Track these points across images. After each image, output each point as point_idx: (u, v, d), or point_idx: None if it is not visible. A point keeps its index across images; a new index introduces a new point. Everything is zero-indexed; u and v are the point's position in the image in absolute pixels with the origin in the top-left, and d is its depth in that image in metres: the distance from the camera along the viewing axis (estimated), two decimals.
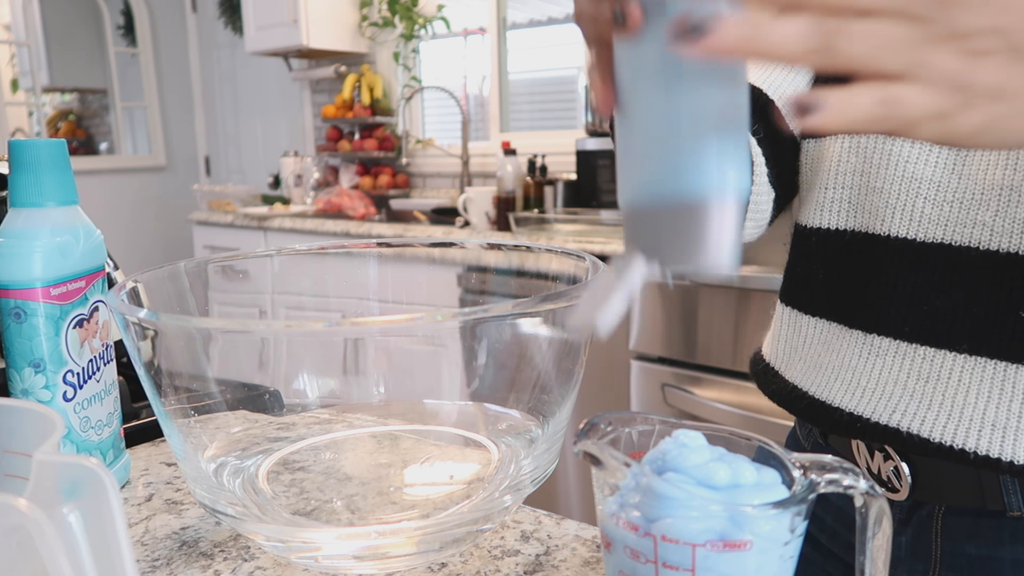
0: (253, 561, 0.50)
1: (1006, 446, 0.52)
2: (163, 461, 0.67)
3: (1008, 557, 0.54)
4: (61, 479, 0.28)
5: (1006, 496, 0.54)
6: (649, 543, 0.34)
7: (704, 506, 0.33)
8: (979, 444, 0.53)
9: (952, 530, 0.57)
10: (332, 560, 0.47)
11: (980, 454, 0.52)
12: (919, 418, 0.55)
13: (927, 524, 0.58)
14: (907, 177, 0.55)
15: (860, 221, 0.58)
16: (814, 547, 0.67)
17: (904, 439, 0.55)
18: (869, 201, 0.57)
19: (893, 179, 0.56)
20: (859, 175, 0.58)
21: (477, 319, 0.44)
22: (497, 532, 0.54)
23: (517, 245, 0.61)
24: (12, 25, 3.96)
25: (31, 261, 0.53)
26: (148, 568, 0.50)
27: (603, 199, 2.53)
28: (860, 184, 0.58)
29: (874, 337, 0.57)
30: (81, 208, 0.57)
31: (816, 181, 0.62)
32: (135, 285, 0.52)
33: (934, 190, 0.54)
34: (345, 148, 3.42)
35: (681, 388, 1.71)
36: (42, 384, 0.54)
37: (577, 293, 0.45)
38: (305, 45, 3.20)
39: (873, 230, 0.57)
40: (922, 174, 0.55)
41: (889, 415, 0.56)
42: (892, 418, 0.56)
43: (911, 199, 0.55)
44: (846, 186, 0.59)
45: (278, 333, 0.52)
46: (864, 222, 0.58)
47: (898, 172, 0.56)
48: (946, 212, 0.54)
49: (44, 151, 0.54)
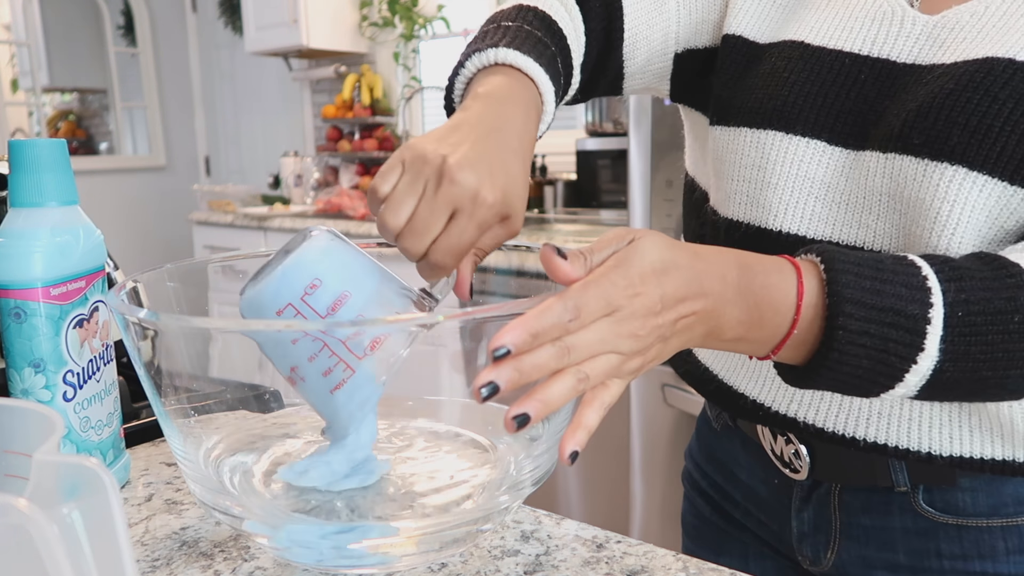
0: (253, 561, 0.50)
1: (891, 433, 0.58)
2: (163, 461, 0.67)
3: (898, 526, 0.61)
4: (61, 479, 0.29)
5: (893, 474, 0.60)
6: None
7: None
8: (867, 432, 0.58)
9: (848, 505, 0.63)
10: (332, 560, 0.47)
11: (868, 441, 0.58)
12: (814, 408, 0.60)
13: (826, 500, 0.64)
14: (801, 176, 0.58)
15: (755, 215, 0.60)
16: (728, 522, 0.73)
17: (801, 427, 0.61)
18: (764, 196, 0.60)
19: (788, 176, 0.58)
20: (757, 169, 0.60)
21: (477, 319, 0.44)
22: (497, 532, 0.54)
23: (517, 245, 0.61)
24: (12, 25, 3.96)
25: (31, 261, 0.53)
26: (148, 568, 0.50)
27: (603, 199, 2.53)
28: (758, 178, 0.60)
29: None
30: (81, 208, 0.57)
31: (720, 169, 0.64)
32: (135, 285, 0.52)
33: (824, 190, 0.57)
34: (345, 148, 3.42)
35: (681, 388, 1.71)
36: (42, 384, 0.54)
37: None
38: (305, 45, 3.20)
39: (766, 224, 0.60)
40: (815, 174, 0.57)
41: (787, 405, 0.61)
42: (790, 408, 0.61)
43: (803, 197, 0.58)
44: (745, 179, 0.61)
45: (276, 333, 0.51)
46: (759, 216, 0.60)
47: (793, 170, 0.58)
48: (835, 212, 0.57)
49: (44, 151, 0.54)
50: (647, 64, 0.70)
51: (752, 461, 0.70)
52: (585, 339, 0.39)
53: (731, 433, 0.72)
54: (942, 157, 0.52)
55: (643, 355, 0.42)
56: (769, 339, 0.46)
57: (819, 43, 0.60)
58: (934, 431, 0.57)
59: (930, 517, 0.60)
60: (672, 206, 1.75)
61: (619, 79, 0.72)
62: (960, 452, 0.57)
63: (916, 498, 0.60)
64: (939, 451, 0.57)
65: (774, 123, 0.59)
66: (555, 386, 0.39)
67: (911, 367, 0.45)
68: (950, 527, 0.60)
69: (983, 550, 0.60)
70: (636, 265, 0.41)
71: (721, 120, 0.64)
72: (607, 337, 0.40)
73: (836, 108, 0.58)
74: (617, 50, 0.68)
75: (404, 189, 0.48)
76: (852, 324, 0.44)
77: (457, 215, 0.47)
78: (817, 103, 0.58)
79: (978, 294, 0.45)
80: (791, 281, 0.45)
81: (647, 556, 0.51)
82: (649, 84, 0.74)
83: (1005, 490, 0.59)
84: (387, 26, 3.29)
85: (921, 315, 0.44)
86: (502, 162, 0.50)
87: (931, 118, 0.53)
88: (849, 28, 0.60)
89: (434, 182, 0.47)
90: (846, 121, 0.57)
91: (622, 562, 0.50)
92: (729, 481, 0.73)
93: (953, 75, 0.53)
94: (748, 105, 0.61)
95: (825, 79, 0.58)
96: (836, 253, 0.46)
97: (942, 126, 0.52)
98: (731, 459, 0.73)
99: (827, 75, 0.58)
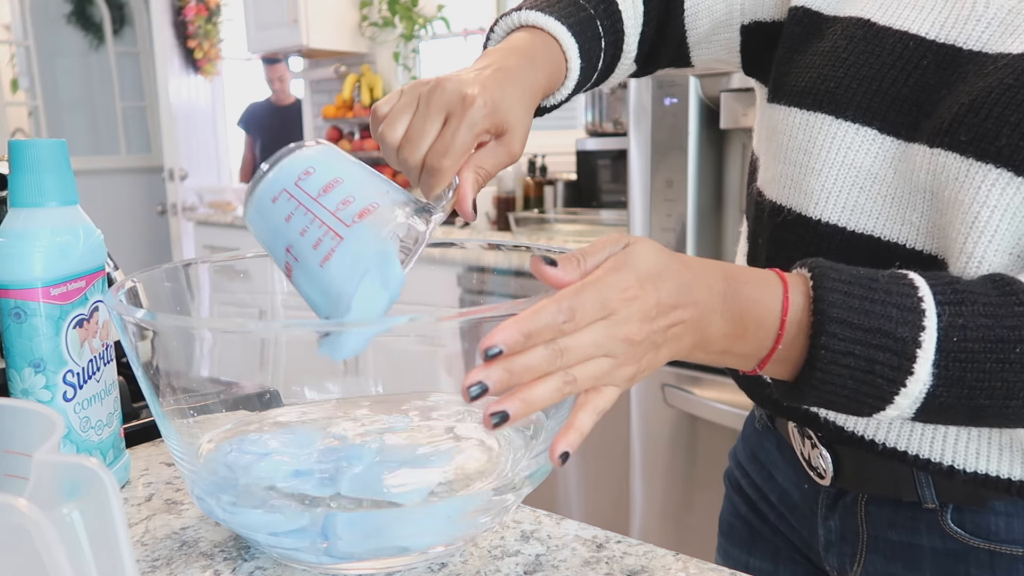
0: (253, 561, 0.50)
1: (912, 441, 0.55)
2: (163, 461, 0.67)
3: (927, 545, 0.58)
4: (61, 479, 0.29)
5: (920, 489, 0.57)
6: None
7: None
8: (888, 437, 0.56)
9: (874, 517, 0.60)
10: (331, 558, 0.47)
11: (888, 446, 0.56)
12: None
13: (852, 510, 0.62)
14: (847, 164, 0.55)
15: (797, 201, 0.58)
16: (763, 522, 0.72)
17: (822, 424, 0.59)
18: (807, 182, 0.57)
19: (833, 163, 0.56)
20: (804, 153, 0.57)
21: (477, 319, 0.44)
22: (497, 532, 0.54)
23: (517, 245, 0.61)
24: (12, 25, 3.96)
25: (31, 261, 0.53)
26: (148, 568, 0.50)
27: (603, 199, 2.53)
28: (803, 163, 0.57)
29: None
30: (81, 208, 0.57)
31: (769, 148, 0.62)
32: (134, 285, 0.52)
33: (871, 181, 0.55)
34: (345, 148, 3.42)
35: (681, 388, 1.71)
36: (42, 384, 0.54)
37: None
38: (305, 45, 3.20)
39: (806, 212, 0.57)
40: (862, 163, 0.55)
41: None
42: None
43: (847, 186, 0.55)
44: (791, 162, 0.59)
45: (276, 333, 0.52)
46: (800, 202, 0.58)
47: (839, 157, 0.55)
48: (879, 205, 0.54)
49: (44, 151, 0.54)
50: (712, 34, 0.68)
51: (786, 463, 0.68)
52: (579, 342, 0.39)
53: (769, 433, 0.71)
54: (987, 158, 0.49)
55: (637, 363, 0.41)
56: (754, 353, 0.45)
57: (885, 22, 0.56)
58: (959, 445, 0.54)
59: (960, 539, 0.57)
60: (672, 206, 1.75)
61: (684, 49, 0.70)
62: (986, 470, 0.54)
63: (944, 517, 0.57)
64: (963, 466, 0.54)
65: (825, 106, 0.56)
66: (540, 387, 0.39)
67: (900, 390, 0.44)
68: (982, 552, 0.56)
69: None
70: (633, 269, 0.41)
71: (775, 98, 0.61)
72: (601, 340, 0.40)
73: (892, 95, 0.54)
74: (677, 19, 0.67)
75: (401, 106, 0.52)
76: (836, 344, 0.43)
77: (449, 119, 0.51)
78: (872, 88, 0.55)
79: (978, 320, 0.44)
80: (777, 296, 0.45)
81: (647, 556, 0.51)
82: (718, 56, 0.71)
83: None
84: (387, 26, 3.29)
85: (911, 338, 0.43)
86: (497, 81, 0.53)
87: (982, 114, 0.49)
88: (919, 7, 0.56)
89: (427, 95, 0.51)
90: (900, 110, 0.54)
91: (622, 562, 0.50)
92: (767, 482, 0.71)
93: (1015, 69, 0.50)
94: (802, 84, 0.58)
95: (885, 62, 0.55)
96: (828, 269, 0.45)
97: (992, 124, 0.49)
98: (769, 460, 0.71)
99: (887, 58, 0.55)
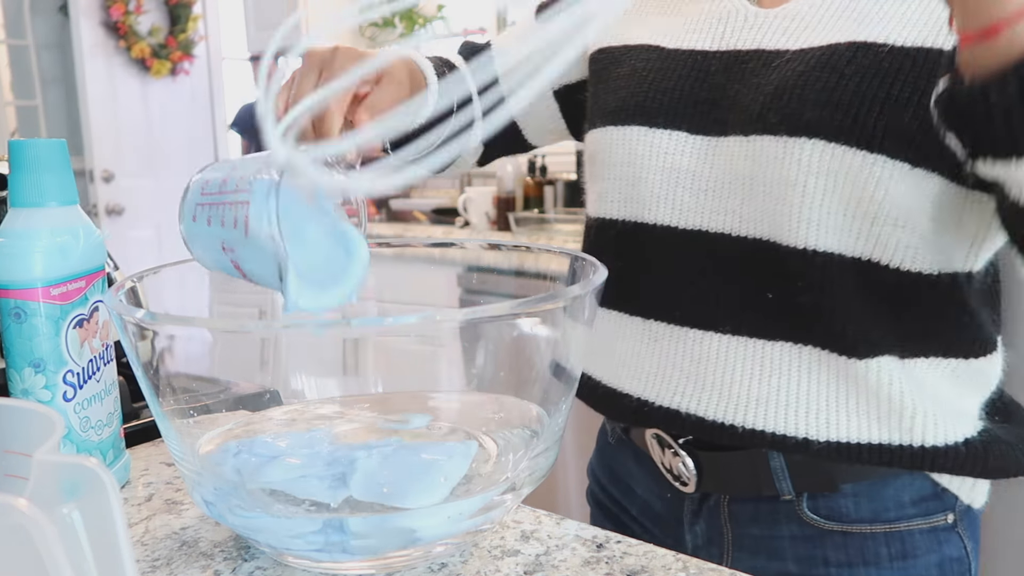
0: (253, 561, 0.50)
1: (768, 419, 0.58)
2: (163, 461, 0.67)
3: (787, 535, 0.62)
4: (61, 479, 0.29)
5: (777, 482, 0.61)
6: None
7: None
8: (746, 419, 0.59)
9: (737, 515, 0.63)
10: (331, 558, 0.47)
11: (747, 428, 0.58)
12: (695, 398, 0.60)
13: (716, 512, 0.64)
14: (667, 167, 0.60)
15: (630, 211, 0.63)
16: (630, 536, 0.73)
17: (683, 420, 0.61)
18: (636, 191, 0.62)
19: (654, 168, 0.61)
20: (626, 165, 0.62)
21: (477, 319, 0.44)
22: (497, 532, 0.54)
23: (517, 245, 0.61)
24: None
25: (31, 261, 0.53)
26: (148, 568, 0.50)
27: None
28: (628, 175, 0.62)
29: (651, 323, 0.63)
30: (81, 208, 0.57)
31: (594, 172, 0.67)
32: (134, 285, 0.52)
33: (691, 179, 0.59)
34: None
35: None
36: (42, 384, 0.54)
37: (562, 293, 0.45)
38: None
39: (641, 219, 0.62)
40: (680, 164, 0.60)
41: (670, 397, 0.62)
42: (672, 400, 0.62)
43: (672, 187, 0.60)
44: (617, 177, 0.63)
45: (276, 333, 0.52)
46: (633, 211, 0.62)
47: (659, 162, 0.61)
48: (702, 200, 0.59)
49: (44, 151, 0.54)
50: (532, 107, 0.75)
51: (646, 475, 0.70)
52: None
53: (625, 446, 0.73)
54: (799, 132, 0.54)
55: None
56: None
57: (673, 46, 0.64)
58: (811, 417, 0.57)
59: (815, 524, 0.61)
60: None
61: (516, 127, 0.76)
62: (837, 437, 0.57)
63: (801, 506, 0.61)
64: (815, 436, 0.57)
65: (637, 118, 0.62)
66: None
67: None
68: (836, 534, 0.61)
69: (867, 557, 0.60)
70: None
71: (592, 125, 0.68)
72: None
73: (692, 99, 0.61)
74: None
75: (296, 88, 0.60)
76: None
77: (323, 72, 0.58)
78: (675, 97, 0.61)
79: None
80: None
81: (647, 556, 0.51)
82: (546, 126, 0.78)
83: (886, 494, 0.60)
84: (387, 26, 3.29)
85: None
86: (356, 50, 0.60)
87: (785, 98, 0.55)
88: (697, 30, 0.64)
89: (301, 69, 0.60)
90: (702, 111, 0.60)
91: (622, 562, 0.50)
92: (627, 496, 0.73)
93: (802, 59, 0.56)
94: (612, 105, 0.64)
95: (680, 74, 0.62)
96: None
97: (796, 104, 0.55)
98: (627, 473, 0.73)
99: (681, 71, 0.62)
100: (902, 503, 0.60)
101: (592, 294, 0.49)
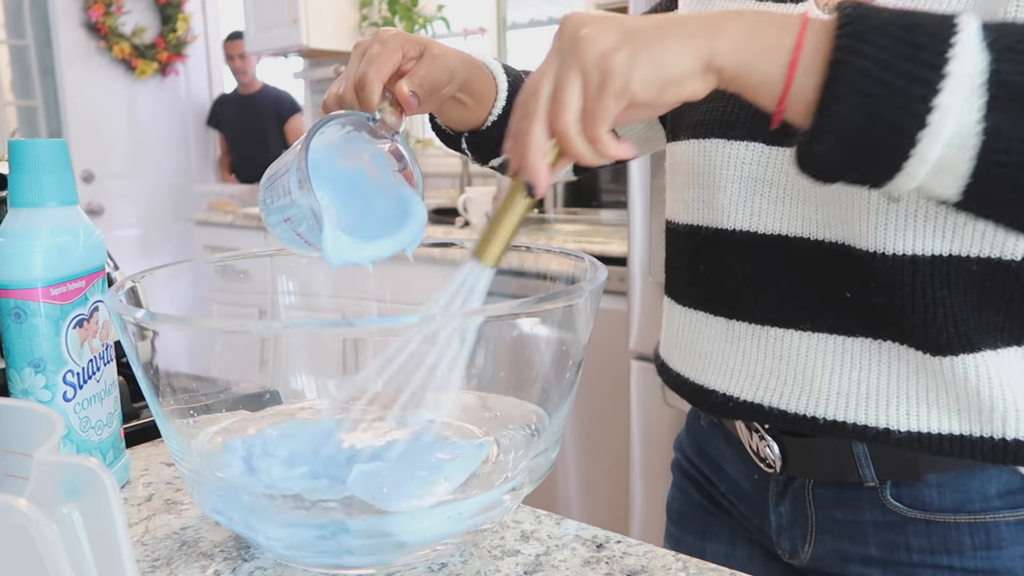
0: (253, 561, 0.50)
1: (849, 411, 0.59)
2: (163, 461, 0.67)
3: (870, 520, 0.63)
4: (61, 479, 0.29)
5: (860, 469, 0.62)
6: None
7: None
8: (827, 411, 0.60)
9: (821, 499, 0.65)
10: (331, 558, 0.47)
11: (828, 419, 0.60)
12: (777, 392, 0.62)
13: (801, 495, 0.66)
14: (745, 176, 0.62)
15: (711, 218, 0.65)
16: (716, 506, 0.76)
17: (767, 413, 0.63)
18: (717, 200, 0.64)
19: (733, 178, 0.63)
20: (707, 175, 0.65)
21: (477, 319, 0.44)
22: (497, 532, 0.54)
23: (517, 245, 0.61)
24: None
25: (31, 261, 0.53)
26: (148, 568, 0.50)
27: (603, 199, 2.53)
28: (709, 184, 0.64)
29: (734, 322, 0.65)
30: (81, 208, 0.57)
31: (676, 181, 0.69)
32: (133, 285, 0.52)
33: (768, 187, 0.61)
34: None
35: None
36: (42, 384, 0.54)
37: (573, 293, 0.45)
38: (305, 45, 3.20)
39: (721, 225, 0.64)
40: (758, 174, 0.62)
41: (753, 392, 0.63)
42: (756, 395, 0.63)
43: (750, 196, 0.62)
44: (697, 186, 0.66)
45: (276, 333, 0.52)
46: (715, 218, 0.64)
47: (737, 172, 0.63)
48: (780, 208, 0.61)
49: (44, 151, 0.54)
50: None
51: (736, 457, 0.72)
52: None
53: (715, 429, 0.75)
54: None
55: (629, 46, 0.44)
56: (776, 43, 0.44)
57: None
58: (891, 408, 0.58)
59: (898, 512, 0.62)
60: None
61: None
62: (918, 428, 0.58)
63: (884, 493, 0.62)
64: (896, 427, 0.58)
65: (717, 132, 0.64)
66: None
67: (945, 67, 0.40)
68: (919, 522, 0.61)
69: (950, 545, 0.61)
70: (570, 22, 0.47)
71: (674, 137, 0.70)
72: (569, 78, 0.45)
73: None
74: None
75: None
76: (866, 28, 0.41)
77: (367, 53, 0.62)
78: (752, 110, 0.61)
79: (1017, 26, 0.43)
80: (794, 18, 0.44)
81: (647, 556, 0.51)
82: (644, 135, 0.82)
83: (971, 485, 0.60)
84: (387, 26, 3.29)
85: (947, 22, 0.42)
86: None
87: None
88: None
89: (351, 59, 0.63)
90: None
91: (622, 562, 0.50)
92: (716, 474, 0.75)
93: None
94: (695, 119, 0.66)
95: None
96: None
97: None
98: (718, 454, 0.75)
99: None
100: (988, 495, 0.61)
101: (592, 294, 0.49)
